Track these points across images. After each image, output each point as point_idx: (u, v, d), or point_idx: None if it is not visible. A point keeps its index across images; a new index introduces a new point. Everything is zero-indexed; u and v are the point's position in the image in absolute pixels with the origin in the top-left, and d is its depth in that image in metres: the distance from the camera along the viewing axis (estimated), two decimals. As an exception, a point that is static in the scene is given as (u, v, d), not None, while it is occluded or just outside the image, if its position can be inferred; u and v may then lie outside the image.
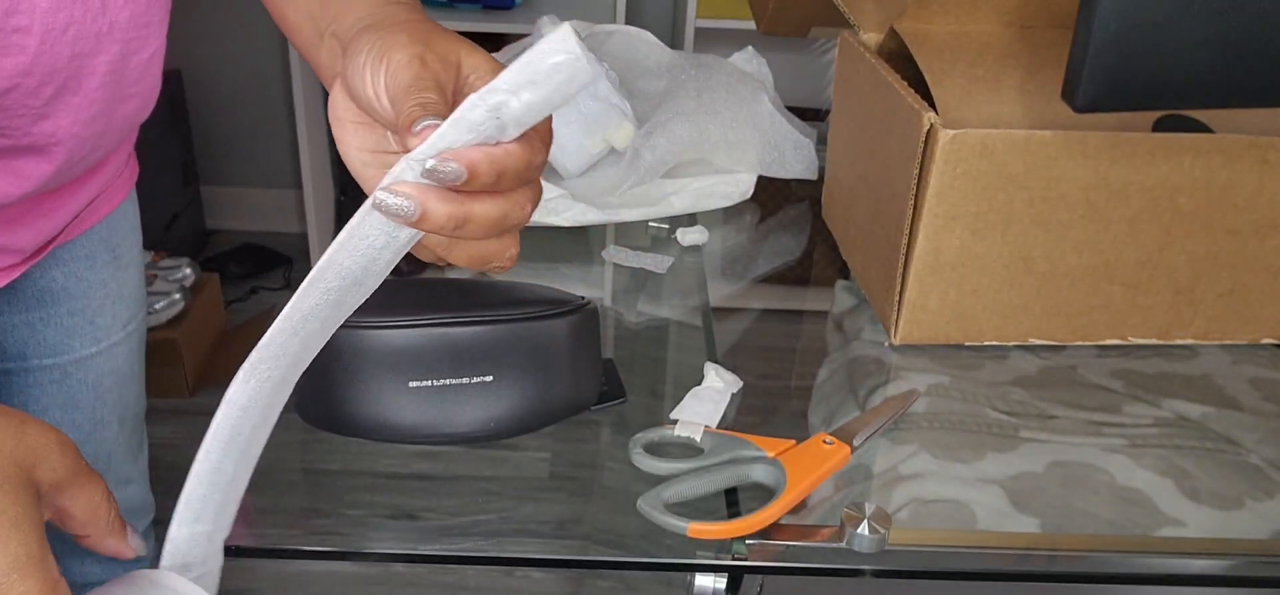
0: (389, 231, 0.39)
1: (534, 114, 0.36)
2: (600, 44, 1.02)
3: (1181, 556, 0.54)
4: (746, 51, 1.01)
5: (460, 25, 2.02)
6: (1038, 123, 0.67)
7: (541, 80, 0.35)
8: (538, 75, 0.35)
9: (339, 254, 0.39)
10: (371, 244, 0.39)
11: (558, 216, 0.84)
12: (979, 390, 0.67)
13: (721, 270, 0.83)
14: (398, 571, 1.55)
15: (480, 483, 0.58)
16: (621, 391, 0.65)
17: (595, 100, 0.87)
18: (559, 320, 0.59)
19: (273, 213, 2.51)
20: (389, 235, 0.39)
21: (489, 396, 0.57)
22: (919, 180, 0.64)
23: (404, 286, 0.68)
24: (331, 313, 0.41)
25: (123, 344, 0.86)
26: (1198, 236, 0.67)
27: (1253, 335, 0.72)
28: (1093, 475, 0.59)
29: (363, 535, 0.55)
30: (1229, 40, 0.54)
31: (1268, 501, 0.58)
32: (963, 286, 0.68)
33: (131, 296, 0.86)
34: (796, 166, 0.92)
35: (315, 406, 0.58)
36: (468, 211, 0.38)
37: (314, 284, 0.39)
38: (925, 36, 0.71)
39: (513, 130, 0.37)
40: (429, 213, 0.38)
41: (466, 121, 0.36)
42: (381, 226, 0.38)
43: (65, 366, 0.82)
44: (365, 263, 0.40)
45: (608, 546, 0.54)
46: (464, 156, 0.36)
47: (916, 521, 0.55)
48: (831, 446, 0.58)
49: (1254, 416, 0.65)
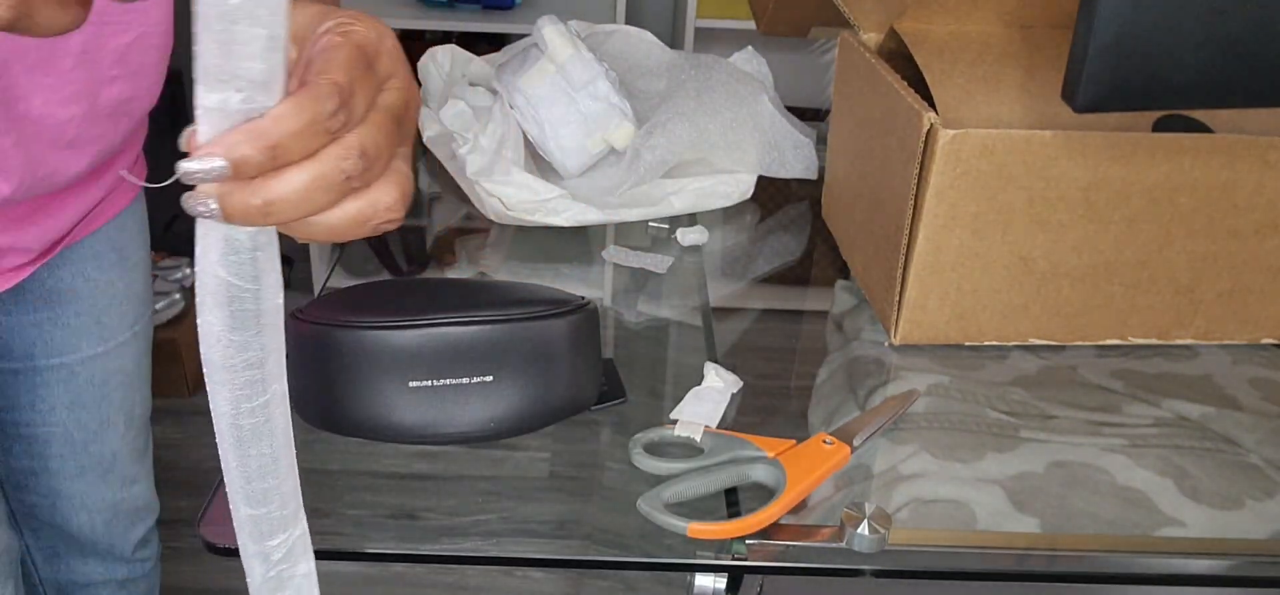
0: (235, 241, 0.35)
1: (263, 56, 0.30)
2: (600, 44, 1.02)
3: (1181, 556, 0.54)
4: (746, 51, 1.01)
5: (460, 25, 2.02)
6: (1038, 123, 0.67)
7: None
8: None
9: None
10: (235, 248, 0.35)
11: (558, 216, 0.84)
12: (979, 390, 0.67)
13: (721, 270, 0.83)
14: (398, 571, 1.55)
15: (480, 483, 0.58)
16: (621, 391, 0.65)
17: (595, 100, 0.87)
18: (559, 320, 0.59)
19: (273, 213, 2.50)
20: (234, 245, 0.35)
21: (489, 396, 0.57)
22: (919, 180, 0.64)
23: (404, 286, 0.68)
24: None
25: (129, 344, 0.86)
26: (1198, 236, 0.67)
27: (1253, 335, 0.72)
28: (1093, 475, 0.59)
29: (363, 535, 0.55)
30: (1228, 40, 0.54)
31: (1268, 501, 0.58)
32: (963, 286, 0.68)
33: (138, 297, 0.86)
34: (796, 166, 0.92)
35: (315, 406, 0.58)
36: (269, 194, 0.32)
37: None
38: (925, 36, 0.71)
39: (267, 94, 0.31)
40: (230, 210, 0.32)
41: (219, 111, 0.31)
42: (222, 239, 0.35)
43: (72, 366, 0.82)
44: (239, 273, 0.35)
45: (608, 546, 0.54)
46: (220, 145, 0.31)
47: (916, 521, 0.55)
48: (831, 446, 0.58)
49: (1254, 416, 0.65)
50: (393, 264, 0.86)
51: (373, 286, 0.65)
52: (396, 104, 0.36)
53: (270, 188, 0.32)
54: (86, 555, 0.94)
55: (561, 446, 0.62)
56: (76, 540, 0.92)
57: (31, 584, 0.97)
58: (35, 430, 0.84)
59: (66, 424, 0.84)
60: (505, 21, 1.99)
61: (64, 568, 0.95)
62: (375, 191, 0.35)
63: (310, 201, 0.33)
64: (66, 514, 0.89)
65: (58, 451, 0.86)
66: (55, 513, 0.90)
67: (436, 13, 2.03)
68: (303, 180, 0.33)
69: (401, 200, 0.36)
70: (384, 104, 0.35)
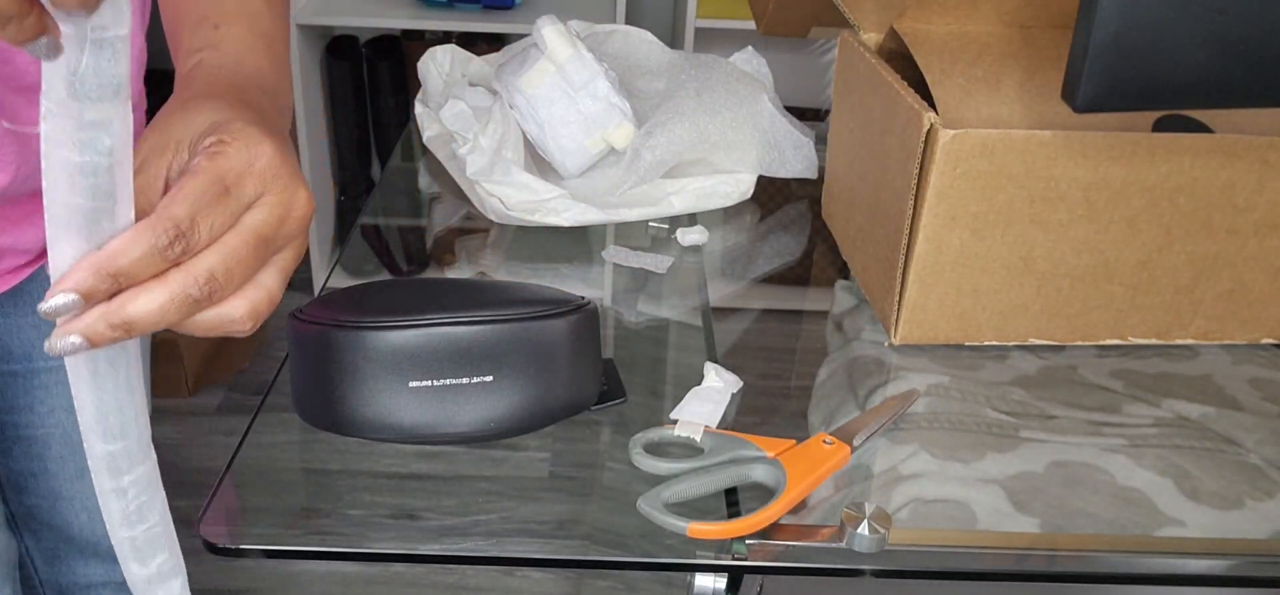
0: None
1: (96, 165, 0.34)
2: (600, 44, 1.02)
3: (1181, 556, 0.54)
4: (746, 51, 1.01)
5: (460, 25, 2.03)
6: (1038, 123, 0.67)
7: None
8: None
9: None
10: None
11: (558, 216, 0.84)
12: (979, 390, 0.67)
13: (721, 270, 0.83)
14: (398, 571, 1.55)
15: (480, 483, 0.58)
16: (621, 391, 0.65)
17: (595, 100, 0.87)
18: (559, 320, 0.59)
19: (273, 213, 2.50)
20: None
21: (489, 396, 0.57)
22: (919, 180, 0.64)
23: (404, 286, 0.68)
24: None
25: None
26: (1198, 236, 0.67)
27: (1253, 335, 0.72)
28: (1093, 475, 0.59)
29: (363, 535, 0.55)
30: (1228, 40, 0.54)
31: (1268, 501, 0.58)
32: (963, 286, 0.68)
33: None
34: (796, 166, 0.92)
35: (315, 406, 0.58)
36: (124, 316, 0.37)
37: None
38: (925, 36, 0.71)
39: (118, 215, 0.36)
40: (93, 337, 0.37)
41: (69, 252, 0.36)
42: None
43: None
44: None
45: (608, 546, 0.54)
46: (68, 281, 0.35)
47: (916, 521, 0.55)
48: (831, 446, 0.58)
49: (1254, 416, 0.65)
50: (393, 264, 0.86)
51: (373, 286, 0.65)
52: (265, 222, 0.40)
53: (125, 309, 0.37)
54: (87, 557, 0.94)
55: (561, 446, 0.62)
56: (77, 542, 0.92)
57: (32, 586, 0.97)
58: (35, 432, 0.84)
59: (66, 426, 0.84)
60: (505, 21, 2.00)
61: (65, 570, 0.95)
62: (227, 306, 0.40)
63: (164, 317, 0.38)
64: (67, 516, 0.89)
65: (57, 453, 0.86)
66: (55, 514, 0.90)
67: (436, 13, 2.03)
68: (154, 301, 0.37)
69: (250, 316, 0.40)
70: (248, 223, 0.39)
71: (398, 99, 2.28)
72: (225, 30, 0.51)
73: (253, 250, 0.40)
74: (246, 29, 0.52)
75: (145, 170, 0.40)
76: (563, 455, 0.61)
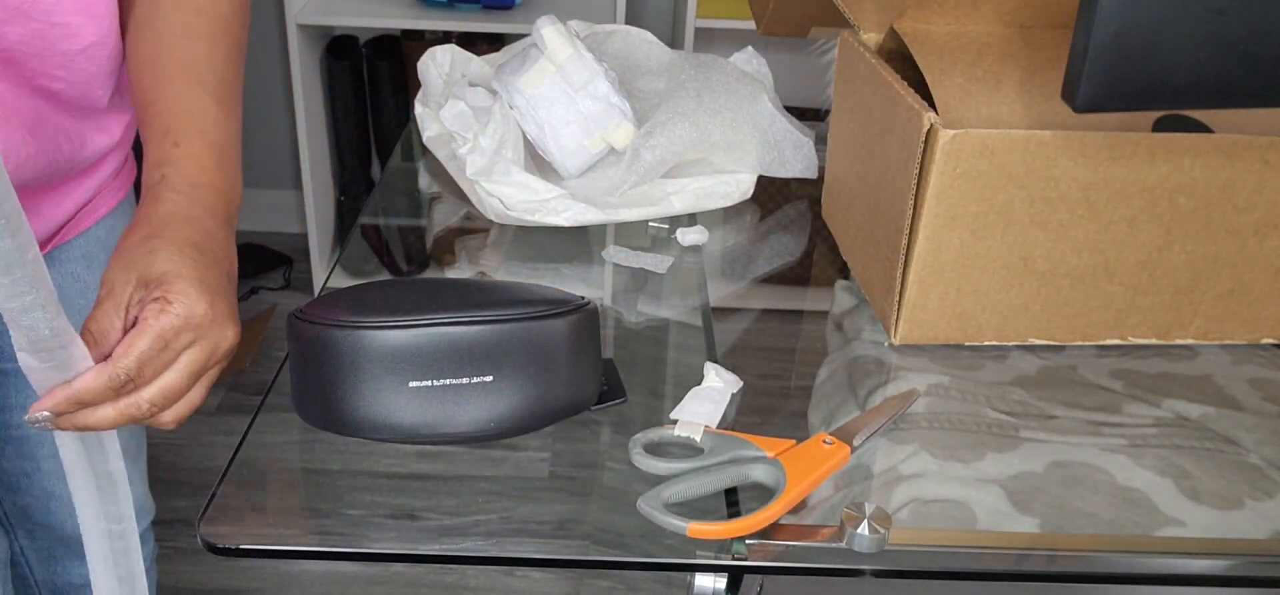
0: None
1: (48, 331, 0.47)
2: (600, 44, 1.02)
3: (1181, 556, 0.54)
4: (746, 51, 1.01)
5: (460, 25, 2.03)
6: (1038, 123, 0.67)
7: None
8: None
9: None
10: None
11: (558, 216, 0.84)
12: (979, 390, 0.67)
13: (721, 270, 0.83)
14: (398, 571, 1.55)
15: (480, 483, 0.58)
16: (621, 391, 0.65)
17: (594, 100, 0.87)
18: (559, 320, 0.59)
19: (272, 213, 2.51)
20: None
21: (489, 396, 0.57)
22: (919, 180, 0.64)
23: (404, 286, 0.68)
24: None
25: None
26: (1198, 236, 0.67)
27: (1253, 335, 0.72)
28: (1093, 475, 0.59)
29: (363, 535, 0.55)
30: (1228, 40, 0.54)
31: (1268, 501, 0.58)
32: (963, 286, 0.68)
33: None
34: (796, 166, 0.92)
35: (315, 406, 0.58)
36: (84, 423, 0.52)
37: None
38: (925, 36, 0.71)
39: (66, 357, 0.49)
40: (58, 424, 0.52)
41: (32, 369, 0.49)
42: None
43: None
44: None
45: (608, 546, 0.54)
46: (46, 404, 0.50)
47: (916, 521, 0.55)
48: (831, 446, 0.58)
49: (1254, 416, 0.65)
50: (393, 264, 0.86)
51: (373, 286, 0.65)
52: (196, 360, 0.53)
53: (87, 418, 0.51)
54: (81, 557, 0.94)
55: (561, 446, 0.62)
56: (71, 542, 0.92)
57: (27, 586, 0.97)
58: (27, 431, 0.84)
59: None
60: (505, 21, 2.00)
61: (60, 569, 0.95)
62: (161, 417, 0.54)
63: (115, 427, 0.53)
64: (60, 516, 0.89)
65: (50, 452, 0.85)
66: (49, 514, 0.90)
67: (436, 13, 2.03)
68: (107, 417, 0.52)
69: (175, 421, 0.55)
70: (183, 364, 0.53)
71: (398, 99, 2.28)
72: (184, 148, 0.60)
73: (185, 382, 0.53)
74: (202, 146, 0.61)
75: (113, 296, 0.52)
76: (563, 455, 0.61)
